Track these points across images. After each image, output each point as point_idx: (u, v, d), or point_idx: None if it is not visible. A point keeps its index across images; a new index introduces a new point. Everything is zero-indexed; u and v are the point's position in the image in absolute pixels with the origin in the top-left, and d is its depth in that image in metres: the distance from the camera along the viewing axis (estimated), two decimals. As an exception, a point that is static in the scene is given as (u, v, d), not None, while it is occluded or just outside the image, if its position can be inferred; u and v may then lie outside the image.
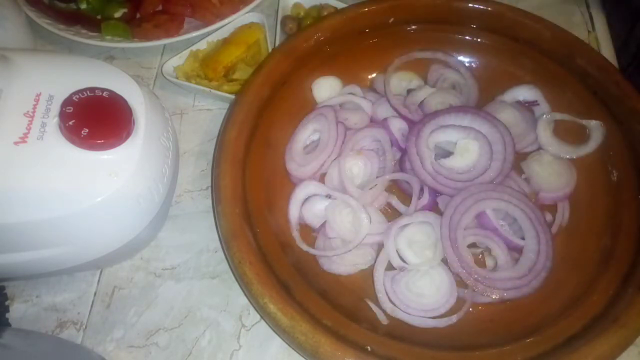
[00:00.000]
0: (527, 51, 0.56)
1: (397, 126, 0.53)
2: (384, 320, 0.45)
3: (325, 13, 0.63)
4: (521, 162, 0.52)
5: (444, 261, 0.47)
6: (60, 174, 0.38)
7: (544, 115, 0.53)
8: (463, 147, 0.51)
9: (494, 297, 0.45)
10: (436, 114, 0.52)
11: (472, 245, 0.48)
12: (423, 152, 0.50)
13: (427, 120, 0.52)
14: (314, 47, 0.55)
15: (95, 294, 0.49)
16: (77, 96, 0.40)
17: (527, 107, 0.56)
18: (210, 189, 0.55)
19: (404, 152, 0.53)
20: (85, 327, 0.48)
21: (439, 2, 0.57)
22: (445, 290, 0.46)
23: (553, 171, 0.51)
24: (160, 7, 0.68)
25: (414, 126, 0.52)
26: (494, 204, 0.48)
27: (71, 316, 0.48)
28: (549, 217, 0.50)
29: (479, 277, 0.45)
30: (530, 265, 0.46)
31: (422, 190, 0.50)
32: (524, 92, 0.56)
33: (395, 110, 0.54)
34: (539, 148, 0.53)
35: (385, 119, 0.54)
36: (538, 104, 0.55)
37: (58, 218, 0.39)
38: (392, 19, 0.57)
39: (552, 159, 0.52)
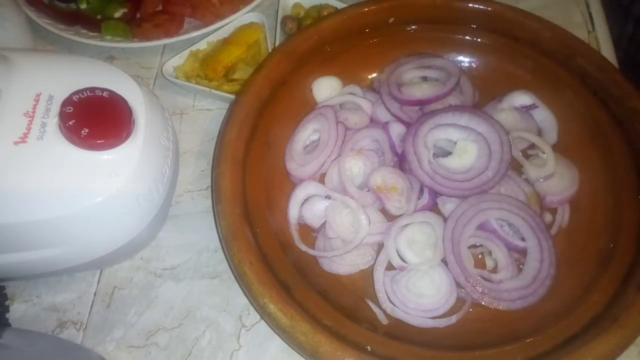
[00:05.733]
0: (527, 51, 0.56)
1: (397, 131, 0.53)
2: (384, 320, 0.45)
3: (325, 13, 0.63)
4: (522, 167, 0.52)
5: (444, 261, 0.47)
6: (60, 174, 0.39)
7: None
8: (462, 148, 0.51)
9: (501, 308, 0.45)
10: (433, 113, 0.52)
11: (472, 245, 0.48)
12: (420, 151, 0.50)
13: (424, 119, 0.52)
14: (314, 47, 0.55)
15: (95, 294, 0.49)
16: (77, 96, 0.40)
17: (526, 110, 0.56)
18: (210, 189, 0.55)
19: (400, 157, 0.53)
20: (85, 327, 0.48)
21: (439, 2, 0.57)
22: (445, 291, 0.46)
23: (556, 174, 0.51)
24: (160, 7, 0.68)
25: (411, 126, 0.52)
26: (495, 213, 0.48)
27: (71, 316, 0.48)
28: (549, 217, 0.50)
29: (485, 289, 0.45)
30: (535, 274, 0.46)
31: (422, 190, 0.50)
32: (520, 98, 0.55)
33: (394, 115, 0.54)
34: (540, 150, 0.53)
35: (387, 123, 0.54)
36: (537, 107, 0.55)
37: (58, 218, 0.39)
38: (392, 19, 0.57)
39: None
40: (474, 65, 0.59)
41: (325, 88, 0.57)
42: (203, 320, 0.48)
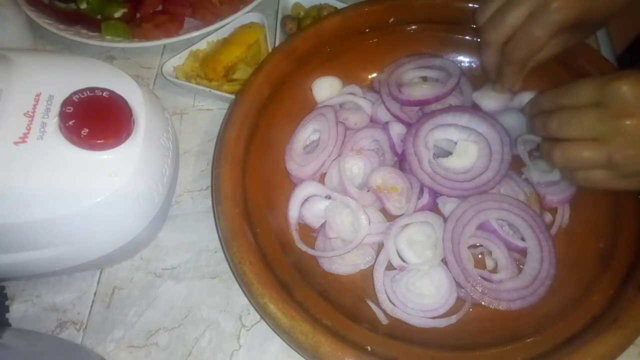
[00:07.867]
0: (527, 51, 0.55)
1: (397, 131, 0.53)
2: (384, 320, 0.45)
3: (325, 13, 0.63)
4: (523, 168, 0.52)
5: (444, 261, 0.47)
6: (60, 174, 0.39)
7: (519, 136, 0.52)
8: (462, 149, 0.51)
9: (501, 308, 0.44)
10: (434, 113, 0.52)
11: (472, 245, 0.48)
12: (421, 152, 0.50)
13: (424, 120, 0.52)
14: (314, 47, 0.55)
15: (95, 294, 0.49)
16: (77, 96, 0.40)
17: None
18: (210, 189, 0.55)
19: (400, 157, 0.53)
20: (85, 327, 0.48)
21: (439, 2, 0.57)
22: (445, 291, 0.46)
23: (556, 174, 0.51)
24: (160, 7, 0.68)
25: (411, 126, 0.52)
26: (495, 214, 0.48)
27: (71, 316, 0.48)
28: (549, 217, 0.50)
29: (485, 289, 0.45)
30: (535, 274, 0.46)
31: (422, 190, 0.50)
32: (527, 99, 0.55)
33: (394, 115, 0.54)
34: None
35: (387, 123, 0.54)
36: None
37: (58, 218, 0.39)
38: (392, 19, 0.57)
39: None
40: (474, 65, 0.59)
41: (325, 88, 0.57)
42: (203, 320, 0.48)
